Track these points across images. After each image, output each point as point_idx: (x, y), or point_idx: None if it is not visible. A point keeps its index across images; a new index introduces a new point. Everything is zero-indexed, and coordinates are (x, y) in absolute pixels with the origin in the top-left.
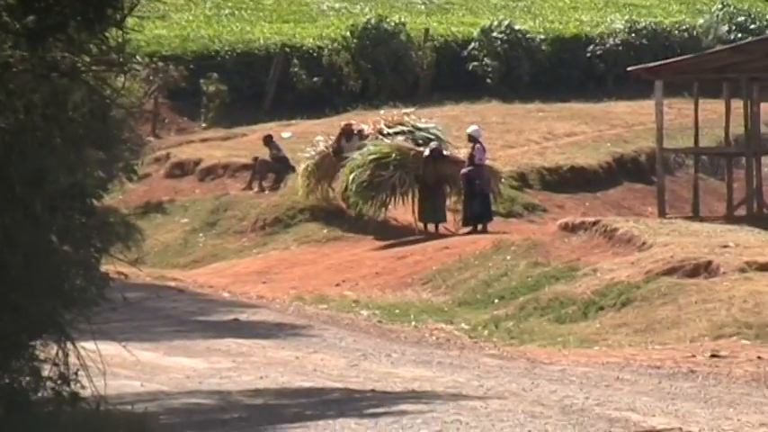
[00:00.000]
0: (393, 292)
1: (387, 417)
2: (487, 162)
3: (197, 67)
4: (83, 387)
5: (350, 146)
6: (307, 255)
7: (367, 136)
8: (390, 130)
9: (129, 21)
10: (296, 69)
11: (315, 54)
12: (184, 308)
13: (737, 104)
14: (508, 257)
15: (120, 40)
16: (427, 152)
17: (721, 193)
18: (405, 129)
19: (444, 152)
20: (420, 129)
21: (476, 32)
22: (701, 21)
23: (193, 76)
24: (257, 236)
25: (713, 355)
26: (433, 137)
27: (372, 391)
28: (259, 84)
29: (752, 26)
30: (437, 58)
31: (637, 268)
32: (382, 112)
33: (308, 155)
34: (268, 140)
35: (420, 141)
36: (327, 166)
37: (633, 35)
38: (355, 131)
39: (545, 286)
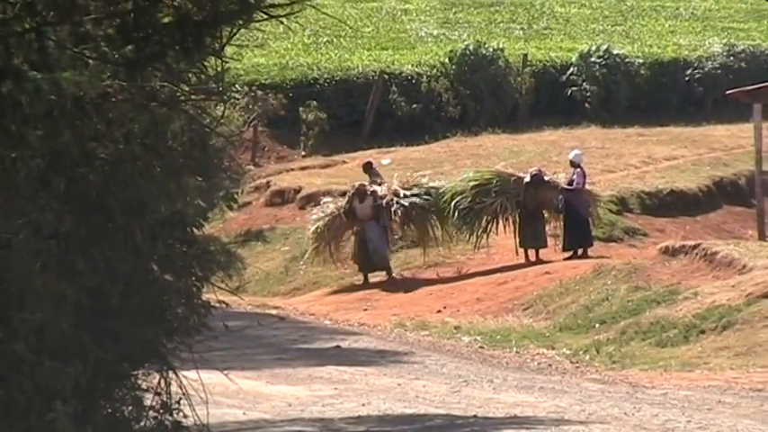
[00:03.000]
0: (494, 318)
1: None
2: (587, 187)
3: (296, 95)
4: (185, 416)
5: (363, 207)
6: (408, 281)
7: (382, 197)
8: (407, 192)
9: (228, 49)
10: (395, 96)
11: (413, 81)
12: (286, 335)
13: None
14: (609, 282)
15: (219, 68)
16: (528, 178)
17: None
18: (419, 191)
19: (545, 177)
20: (431, 188)
21: (574, 57)
22: None
23: (292, 104)
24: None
25: None
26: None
27: (474, 416)
28: (358, 111)
29: None
30: (536, 84)
31: (737, 291)
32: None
33: (315, 216)
34: (368, 168)
35: (431, 203)
36: (338, 227)
37: (731, 58)
38: (369, 192)
39: (646, 310)
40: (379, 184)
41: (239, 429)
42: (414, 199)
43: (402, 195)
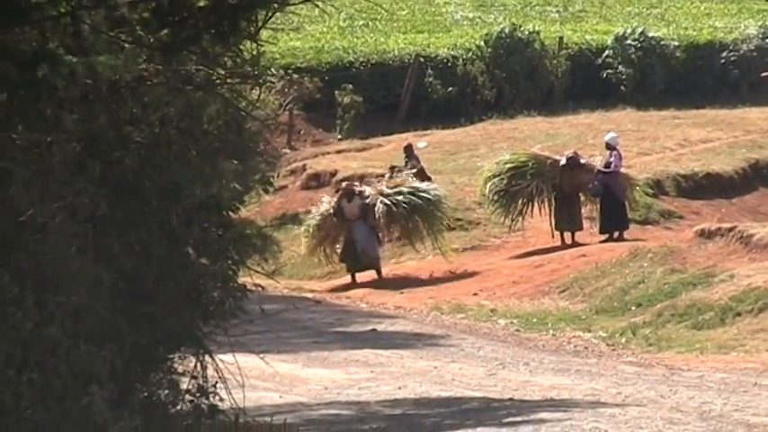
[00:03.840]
0: (530, 301)
1: (525, 425)
2: (623, 169)
3: (332, 79)
4: (221, 399)
5: (350, 206)
6: (444, 264)
7: (368, 197)
8: (391, 191)
9: (264, 33)
10: (430, 79)
11: (449, 64)
12: (322, 319)
13: None
14: (645, 264)
15: (254, 52)
16: (564, 160)
17: None
18: (404, 190)
19: (581, 160)
20: (420, 191)
21: (610, 40)
22: None
23: (328, 88)
24: (394, 246)
25: None
26: (429, 198)
27: (511, 399)
28: (394, 94)
29: None
30: (571, 67)
31: None
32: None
33: (311, 215)
34: (409, 150)
35: (414, 204)
36: (329, 227)
37: (767, 41)
38: (356, 192)
39: (682, 293)
40: (416, 168)
41: (276, 413)
42: (398, 198)
43: (386, 194)
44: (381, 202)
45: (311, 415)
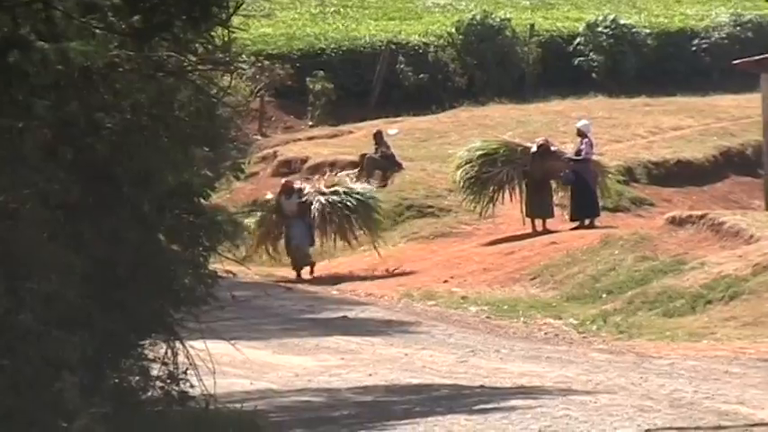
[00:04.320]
0: (501, 288)
1: (496, 412)
2: (594, 157)
3: (303, 66)
4: (192, 386)
5: (289, 203)
6: (414, 251)
7: (306, 194)
8: (327, 190)
9: (235, 20)
10: (402, 66)
11: (420, 51)
12: (293, 306)
13: None
14: (616, 252)
15: (225, 39)
16: (534, 148)
17: None
18: (340, 190)
19: (552, 147)
20: (354, 192)
21: (581, 27)
22: None
23: (299, 75)
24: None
25: None
26: (362, 200)
27: (481, 386)
28: (365, 81)
29: None
30: (543, 54)
31: (744, 261)
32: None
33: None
34: (379, 137)
35: (349, 204)
36: (269, 223)
37: (738, 28)
38: (295, 189)
39: (653, 280)
40: (387, 156)
41: (246, 399)
42: (334, 197)
43: (323, 192)
44: (318, 200)
45: (282, 402)
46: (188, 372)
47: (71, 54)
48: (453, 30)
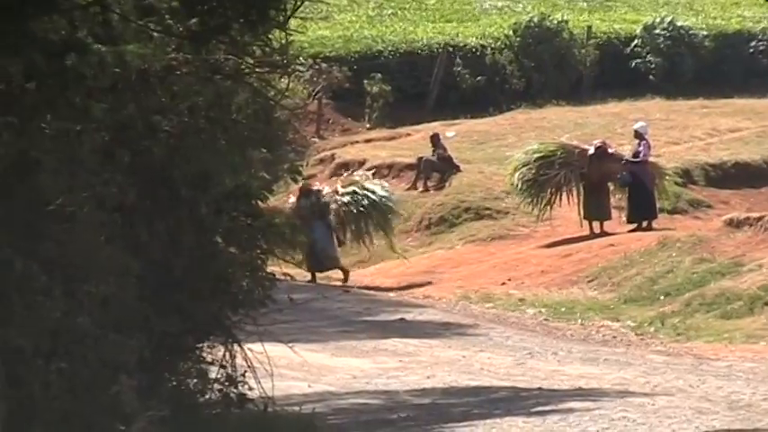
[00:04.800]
0: (559, 290)
1: (554, 415)
2: (651, 159)
3: (360, 68)
4: (250, 388)
5: (306, 204)
6: (472, 254)
7: (323, 196)
8: (344, 190)
9: (292, 22)
10: (459, 68)
11: (478, 53)
12: (350, 308)
13: None
14: (673, 254)
15: (283, 41)
16: (592, 150)
17: None
18: (356, 189)
19: (609, 150)
20: (366, 189)
21: (638, 29)
22: None
23: (357, 77)
24: (422, 235)
25: None
26: (376, 200)
27: (539, 389)
28: (422, 83)
29: None
30: (600, 56)
31: None
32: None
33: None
34: (435, 140)
35: (364, 205)
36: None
37: None
38: (313, 191)
39: (710, 282)
40: (445, 158)
41: (304, 402)
42: (347, 198)
43: (341, 193)
44: (335, 201)
45: (340, 404)
46: (246, 374)
47: (128, 57)
48: (510, 32)
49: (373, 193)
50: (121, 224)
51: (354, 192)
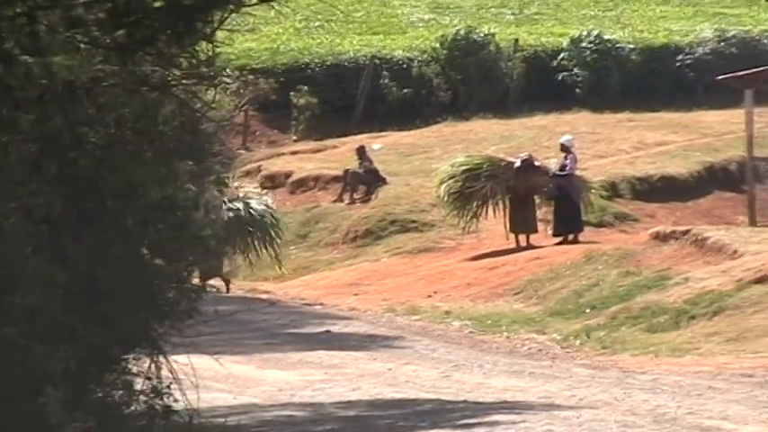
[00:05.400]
0: (485, 303)
1: (479, 427)
2: (578, 172)
3: (287, 80)
4: (175, 400)
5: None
6: (398, 266)
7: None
8: (229, 205)
9: (219, 34)
10: (386, 81)
11: (404, 65)
12: (276, 320)
13: None
14: (599, 267)
15: (210, 53)
16: (518, 163)
17: None
18: (239, 204)
19: (535, 162)
20: (248, 204)
21: (565, 42)
22: None
23: (283, 89)
24: (348, 248)
25: None
26: (255, 214)
27: (465, 401)
28: (349, 96)
29: None
30: (527, 69)
31: (728, 277)
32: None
33: None
34: (361, 152)
35: (246, 217)
36: None
37: (722, 44)
38: None
39: (636, 295)
40: (371, 170)
41: (229, 413)
42: (233, 212)
43: (226, 208)
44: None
45: (265, 416)
46: (171, 386)
47: (55, 68)
48: (437, 44)
49: (252, 207)
50: (48, 236)
51: (237, 207)
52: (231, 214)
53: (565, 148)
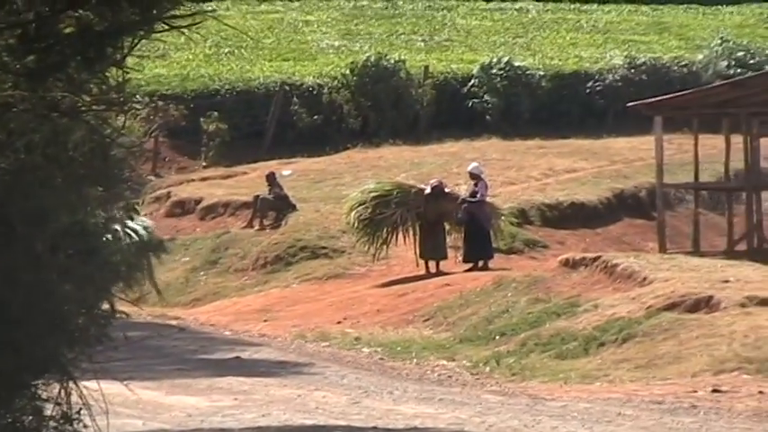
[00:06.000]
0: (395, 329)
1: None
2: (488, 199)
3: (197, 106)
4: (85, 426)
5: None
6: (308, 292)
7: None
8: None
9: (129, 60)
10: (296, 107)
11: (315, 92)
12: (186, 346)
13: (737, 139)
14: (509, 294)
15: (120, 79)
16: (428, 189)
17: (722, 227)
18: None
19: (446, 189)
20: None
21: (475, 69)
22: (700, 56)
23: (193, 115)
24: (258, 274)
25: (714, 390)
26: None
27: (374, 428)
28: (259, 122)
29: (751, 61)
30: (437, 95)
31: (638, 304)
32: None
33: None
34: (271, 178)
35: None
36: None
37: (632, 71)
38: None
39: (546, 322)
40: (281, 197)
41: None
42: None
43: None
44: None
45: None
46: (81, 412)
47: None
48: (347, 71)
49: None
50: None
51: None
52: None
53: (474, 176)
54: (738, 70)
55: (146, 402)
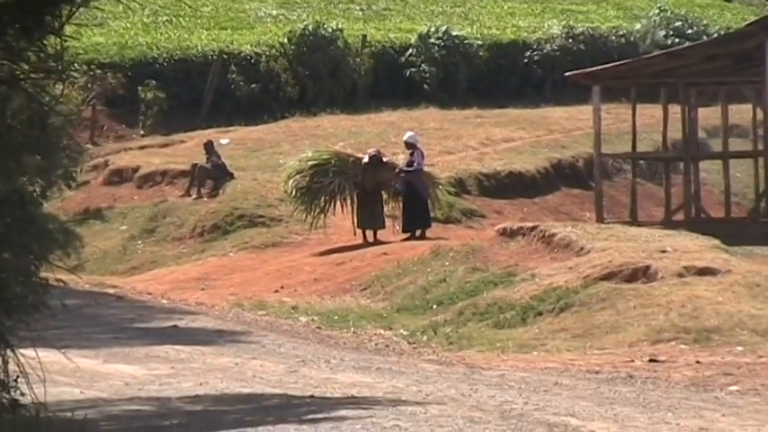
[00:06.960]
0: (332, 299)
1: (326, 422)
2: (426, 168)
3: (135, 75)
4: (22, 394)
5: None
6: (245, 261)
7: None
8: None
9: (68, 28)
10: (234, 76)
11: (252, 61)
12: (123, 315)
13: (675, 109)
14: (446, 263)
15: (58, 47)
16: (366, 158)
17: (659, 197)
18: None
19: (383, 158)
20: None
21: (413, 39)
22: (638, 26)
23: (131, 84)
24: (196, 242)
25: (652, 360)
26: None
27: (311, 396)
28: (197, 91)
29: (689, 31)
30: (375, 65)
31: (575, 273)
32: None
33: None
34: (209, 147)
35: None
36: None
37: (570, 41)
38: None
39: (483, 292)
40: (219, 165)
41: (76, 408)
42: None
43: None
44: None
45: (112, 410)
46: (18, 380)
47: None
48: (285, 40)
49: None
50: None
51: None
52: None
53: (410, 146)
54: (676, 40)
55: (83, 371)
